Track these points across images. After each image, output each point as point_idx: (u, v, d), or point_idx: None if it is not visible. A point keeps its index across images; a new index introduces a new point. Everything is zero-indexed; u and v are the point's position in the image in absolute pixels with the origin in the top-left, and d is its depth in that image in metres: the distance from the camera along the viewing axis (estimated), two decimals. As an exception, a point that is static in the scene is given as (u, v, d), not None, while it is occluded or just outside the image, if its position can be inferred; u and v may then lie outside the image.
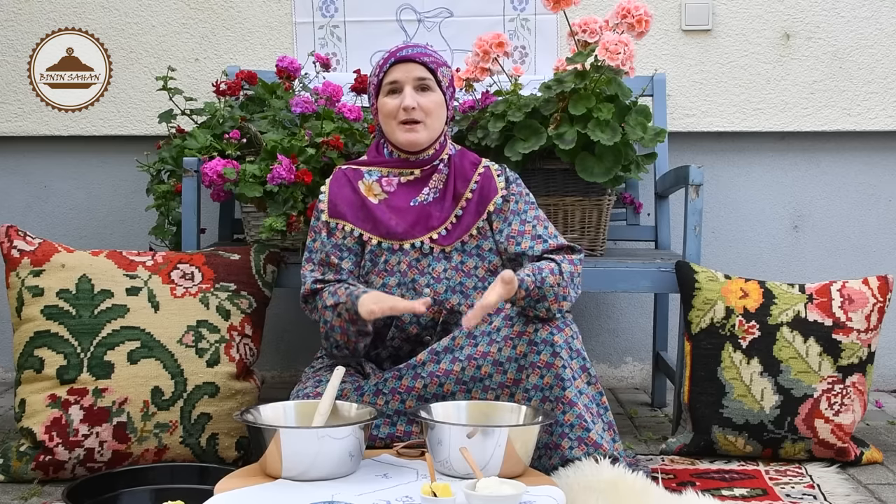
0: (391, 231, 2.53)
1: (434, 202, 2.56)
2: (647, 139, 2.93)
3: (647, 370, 3.69)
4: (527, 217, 2.56)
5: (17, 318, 2.61)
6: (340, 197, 2.57)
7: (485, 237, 2.57)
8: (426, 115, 2.52)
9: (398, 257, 2.53)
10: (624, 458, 2.41)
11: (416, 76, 2.53)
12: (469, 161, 2.62)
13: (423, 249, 2.53)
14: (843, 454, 2.72)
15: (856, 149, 3.65)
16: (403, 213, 2.54)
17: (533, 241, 2.52)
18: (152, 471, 2.44)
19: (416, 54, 2.54)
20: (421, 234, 2.54)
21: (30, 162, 3.70)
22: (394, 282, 2.52)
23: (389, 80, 2.54)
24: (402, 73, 2.53)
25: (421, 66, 2.53)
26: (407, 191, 2.57)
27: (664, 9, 3.57)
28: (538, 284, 2.38)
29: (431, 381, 2.41)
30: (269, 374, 3.72)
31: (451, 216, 2.55)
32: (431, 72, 2.54)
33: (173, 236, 3.10)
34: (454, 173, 2.58)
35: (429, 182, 2.58)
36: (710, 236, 3.63)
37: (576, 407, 2.35)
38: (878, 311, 2.75)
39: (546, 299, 2.40)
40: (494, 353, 2.40)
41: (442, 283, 2.51)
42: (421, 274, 2.52)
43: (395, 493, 2.11)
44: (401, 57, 2.53)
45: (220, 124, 3.05)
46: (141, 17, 3.61)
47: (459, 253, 2.55)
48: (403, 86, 2.52)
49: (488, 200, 2.57)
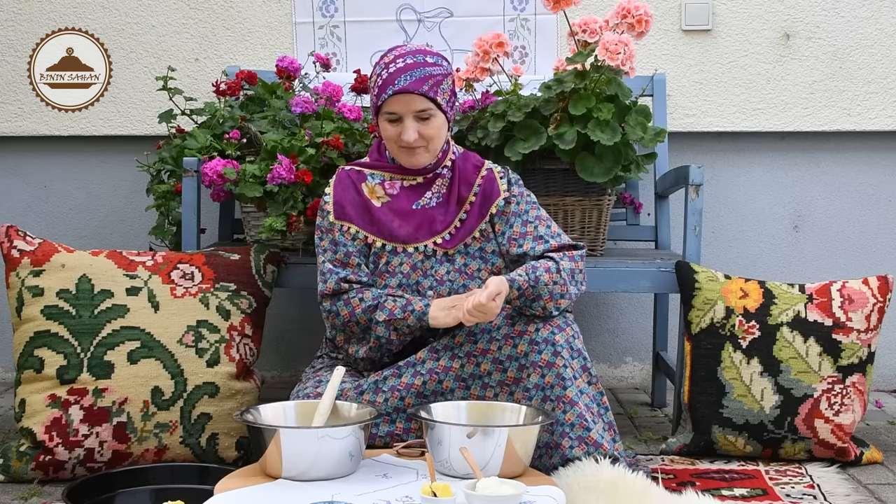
0: (394, 234, 2.53)
1: (438, 206, 2.56)
2: (647, 139, 2.93)
3: (647, 370, 3.69)
4: (528, 218, 2.56)
5: (17, 318, 2.61)
6: (346, 199, 2.56)
7: (487, 239, 2.57)
8: (428, 142, 2.50)
9: (400, 259, 2.53)
10: (624, 458, 2.41)
11: (416, 109, 2.46)
12: (472, 164, 2.61)
13: (426, 252, 2.53)
14: (843, 454, 2.72)
15: (856, 149, 3.65)
16: (407, 217, 2.54)
17: (534, 242, 2.52)
18: (152, 471, 2.44)
19: (414, 84, 2.44)
20: (425, 238, 2.54)
21: (30, 162, 3.70)
22: (395, 283, 2.52)
23: (388, 111, 2.47)
24: (401, 105, 2.46)
25: (421, 97, 2.45)
26: (410, 194, 2.57)
27: (664, 9, 3.56)
28: (532, 283, 2.38)
29: (431, 379, 2.41)
30: (269, 374, 3.72)
31: (456, 220, 2.55)
32: (431, 99, 2.47)
33: (173, 236, 3.10)
34: (458, 177, 2.57)
35: (432, 186, 2.57)
36: (710, 236, 3.63)
37: (576, 406, 2.35)
38: (878, 311, 2.75)
39: (541, 298, 2.40)
40: (494, 351, 2.40)
41: (445, 286, 2.51)
42: (424, 276, 2.52)
43: (395, 493, 2.11)
44: (399, 89, 2.44)
45: (220, 124, 3.05)
46: (141, 17, 3.61)
47: (462, 255, 2.55)
48: (403, 117, 2.47)
49: (491, 203, 2.57)
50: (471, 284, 2.52)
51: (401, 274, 2.52)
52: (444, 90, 2.50)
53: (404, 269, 2.52)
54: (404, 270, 2.52)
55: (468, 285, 2.52)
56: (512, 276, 2.37)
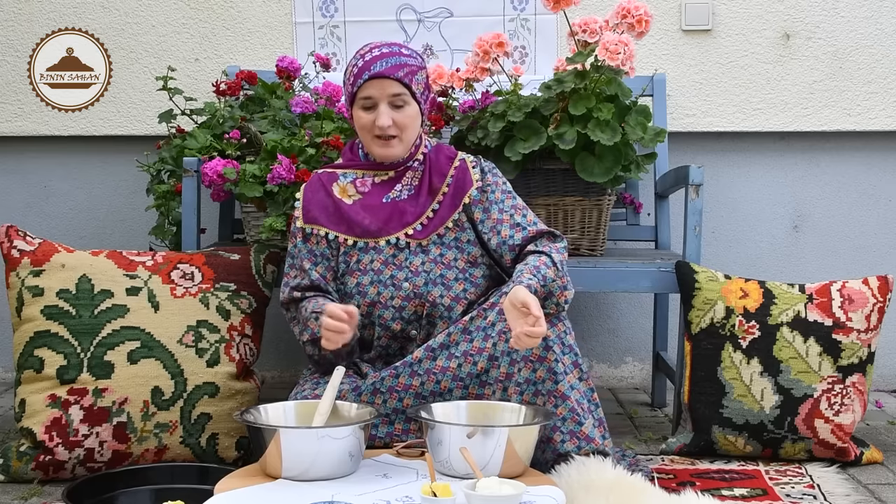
0: (366, 229, 2.54)
1: (409, 198, 2.57)
2: (647, 139, 2.93)
3: (647, 370, 3.69)
4: (504, 206, 2.57)
5: (17, 318, 2.61)
6: (314, 202, 2.57)
7: (462, 229, 2.57)
8: (401, 131, 2.52)
9: (371, 256, 2.53)
10: (614, 455, 2.41)
11: (391, 93, 2.49)
12: (445, 155, 2.62)
13: (398, 245, 2.54)
14: (843, 454, 2.72)
15: (856, 149, 3.65)
16: (376, 211, 2.55)
17: (512, 229, 2.54)
18: (152, 471, 2.44)
19: (390, 69, 2.48)
20: (396, 230, 2.54)
21: (30, 162, 3.70)
22: (367, 280, 2.52)
23: (364, 96, 2.50)
24: (376, 89, 2.49)
25: (396, 81, 2.49)
26: (380, 190, 2.58)
27: (664, 9, 3.56)
28: (542, 283, 2.39)
29: (429, 379, 2.41)
30: (269, 374, 3.72)
31: (428, 211, 2.56)
32: (406, 86, 2.50)
33: (173, 236, 3.10)
34: (430, 169, 2.58)
35: (402, 179, 2.58)
36: (710, 236, 3.63)
37: (568, 401, 2.36)
38: (878, 311, 2.75)
39: (553, 294, 2.42)
40: (490, 349, 2.40)
41: (420, 277, 2.51)
42: (399, 269, 2.52)
43: (395, 493, 2.11)
44: (375, 73, 2.48)
45: (220, 124, 3.05)
46: (141, 17, 3.61)
47: (438, 246, 2.55)
48: (378, 102, 2.49)
49: (464, 193, 2.57)
50: (448, 273, 2.52)
51: (372, 271, 2.52)
52: (418, 81, 2.53)
53: (375, 265, 2.53)
54: (375, 267, 2.53)
55: (445, 275, 2.52)
56: (526, 283, 2.35)
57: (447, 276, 2.52)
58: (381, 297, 2.50)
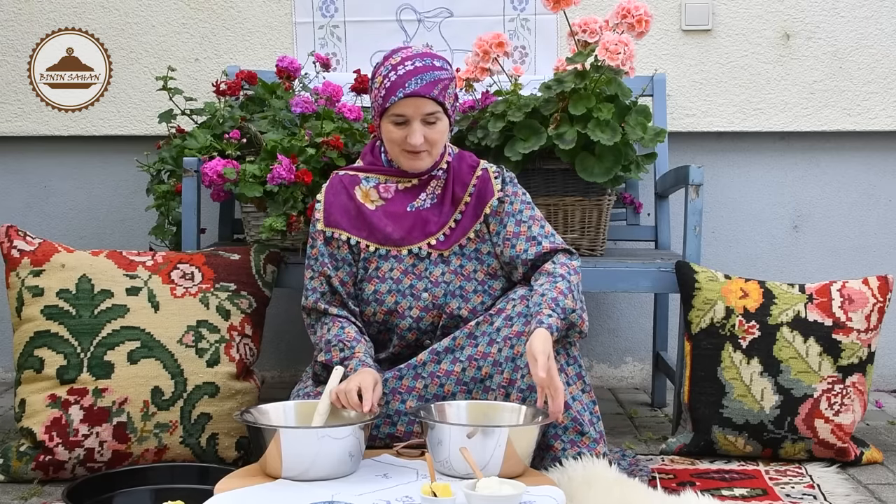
0: (388, 237, 2.51)
1: (432, 207, 2.54)
2: (647, 139, 2.93)
3: (647, 370, 3.69)
4: (522, 217, 2.53)
5: (17, 318, 2.61)
6: (336, 205, 2.54)
7: (483, 240, 2.54)
8: (432, 146, 2.48)
9: (391, 264, 2.51)
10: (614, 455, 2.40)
11: (425, 112, 2.43)
12: (467, 164, 2.58)
13: (419, 255, 2.52)
14: (843, 454, 2.72)
15: (856, 149, 3.65)
16: (400, 219, 2.52)
17: (527, 243, 2.49)
18: (152, 471, 2.44)
19: (425, 87, 2.42)
20: (418, 239, 2.52)
21: (30, 162, 3.70)
22: (385, 288, 2.50)
23: (397, 112, 2.44)
24: (410, 108, 2.43)
25: (430, 101, 2.43)
26: (404, 197, 2.54)
27: (664, 9, 3.56)
28: (562, 316, 2.34)
29: (432, 382, 2.40)
30: (269, 374, 3.72)
31: (451, 221, 2.53)
32: (440, 104, 2.45)
33: (173, 236, 3.10)
34: (452, 178, 2.55)
35: (426, 188, 2.55)
36: (710, 236, 3.63)
37: (570, 410, 2.35)
38: (878, 311, 2.75)
39: (574, 325, 2.38)
40: (494, 354, 2.39)
41: (440, 287, 2.49)
42: (418, 278, 2.50)
43: (395, 493, 2.11)
44: (410, 93, 2.41)
45: (220, 124, 3.05)
46: (141, 17, 3.61)
47: (458, 256, 2.53)
48: (411, 121, 2.44)
49: (485, 203, 2.54)
50: (467, 286, 2.50)
51: (391, 280, 2.50)
52: (449, 94, 2.49)
53: (395, 274, 2.50)
54: (395, 276, 2.50)
55: (465, 286, 2.50)
56: (547, 323, 2.30)
57: (466, 288, 2.50)
58: (398, 307, 2.48)
